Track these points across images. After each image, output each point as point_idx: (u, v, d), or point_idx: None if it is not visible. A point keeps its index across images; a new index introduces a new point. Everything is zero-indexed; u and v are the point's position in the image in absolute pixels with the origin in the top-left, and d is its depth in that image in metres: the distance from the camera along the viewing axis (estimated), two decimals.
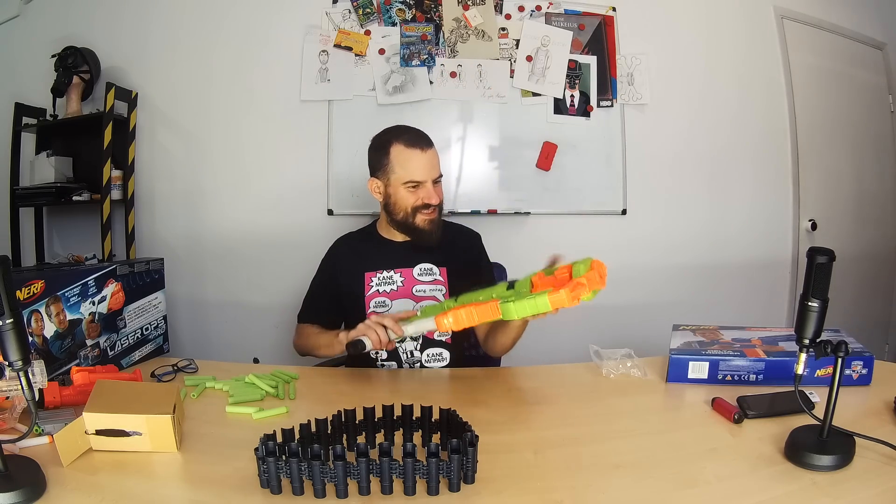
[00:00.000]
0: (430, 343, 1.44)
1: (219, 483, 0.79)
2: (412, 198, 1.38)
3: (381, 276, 1.44)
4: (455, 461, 0.75)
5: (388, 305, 1.44)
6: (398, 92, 2.33)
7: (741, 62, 2.50)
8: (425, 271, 1.45)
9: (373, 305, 1.44)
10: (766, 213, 2.56)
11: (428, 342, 1.44)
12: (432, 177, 1.38)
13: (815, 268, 0.83)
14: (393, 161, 1.38)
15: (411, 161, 1.36)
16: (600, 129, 2.41)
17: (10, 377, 0.81)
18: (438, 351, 1.43)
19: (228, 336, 2.42)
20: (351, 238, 1.56)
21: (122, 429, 0.85)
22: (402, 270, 1.44)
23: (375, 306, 1.44)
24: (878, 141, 2.80)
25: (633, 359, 1.26)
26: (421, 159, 1.36)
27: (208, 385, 1.19)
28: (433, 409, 0.91)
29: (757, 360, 1.14)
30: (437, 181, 1.40)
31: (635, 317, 2.39)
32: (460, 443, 0.77)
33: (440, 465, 0.75)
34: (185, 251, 2.42)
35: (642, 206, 2.44)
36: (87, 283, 1.24)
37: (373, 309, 1.44)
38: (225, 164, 2.41)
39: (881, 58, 2.80)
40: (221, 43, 2.37)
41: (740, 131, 2.51)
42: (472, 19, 2.34)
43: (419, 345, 1.43)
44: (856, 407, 1.01)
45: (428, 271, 1.45)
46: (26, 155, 2.38)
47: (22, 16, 2.44)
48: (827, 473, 0.78)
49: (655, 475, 0.81)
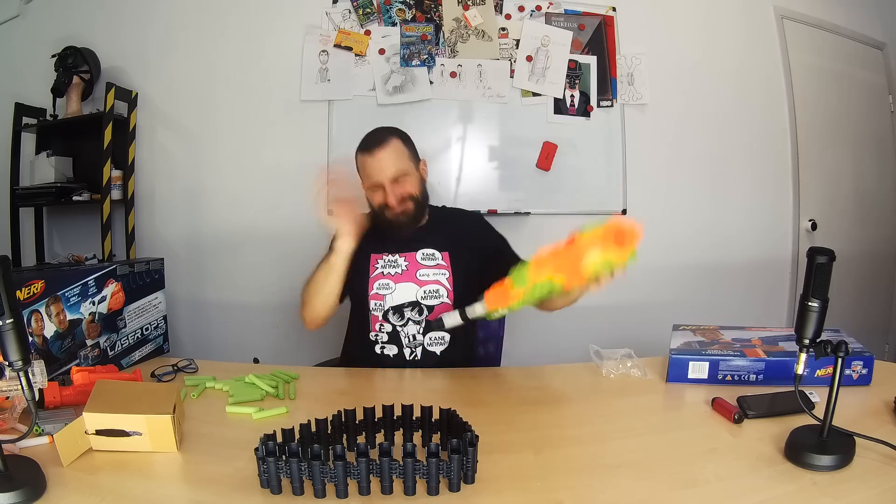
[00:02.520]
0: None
1: (219, 483, 0.79)
2: (375, 199, 1.42)
3: (386, 259, 1.46)
4: (455, 461, 0.75)
5: (392, 288, 1.44)
6: (398, 92, 2.33)
7: (741, 62, 2.50)
8: (427, 256, 1.46)
9: (376, 287, 1.45)
10: (766, 213, 2.56)
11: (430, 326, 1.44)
12: (386, 177, 1.38)
13: (815, 268, 0.83)
14: (358, 168, 1.44)
15: (364, 166, 1.40)
16: (600, 129, 2.41)
17: (10, 377, 0.81)
18: (440, 336, 1.44)
19: (228, 336, 2.42)
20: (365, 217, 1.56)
21: (122, 429, 0.85)
22: (406, 255, 1.46)
23: (379, 288, 1.45)
24: (878, 141, 2.80)
25: (633, 359, 1.26)
26: (370, 163, 1.38)
27: (208, 385, 1.19)
28: (433, 409, 0.91)
29: (757, 360, 1.14)
30: (399, 178, 1.39)
31: (635, 317, 2.39)
32: (460, 443, 0.77)
33: (440, 465, 0.75)
34: (185, 251, 2.42)
35: (642, 206, 2.44)
36: (87, 283, 1.24)
37: (376, 291, 1.45)
38: (225, 164, 2.41)
39: (881, 58, 2.80)
40: (221, 43, 2.37)
41: (740, 131, 2.51)
42: (472, 19, 2.34)
43: (421, 328, 1.43)
44: (856, 407, 1.00)
45: (430, 256, 1.47)
46: (26, 155, 2.38)
47: (22, 16, 2.45)
48: (827, 473, 0.78)
49: (655, 475, 0.81)
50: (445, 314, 1.23)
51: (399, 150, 1.40)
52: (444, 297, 1.44)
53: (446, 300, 1.44)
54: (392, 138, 1.40)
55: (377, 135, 1.41)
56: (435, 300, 1.43)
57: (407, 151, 1.42)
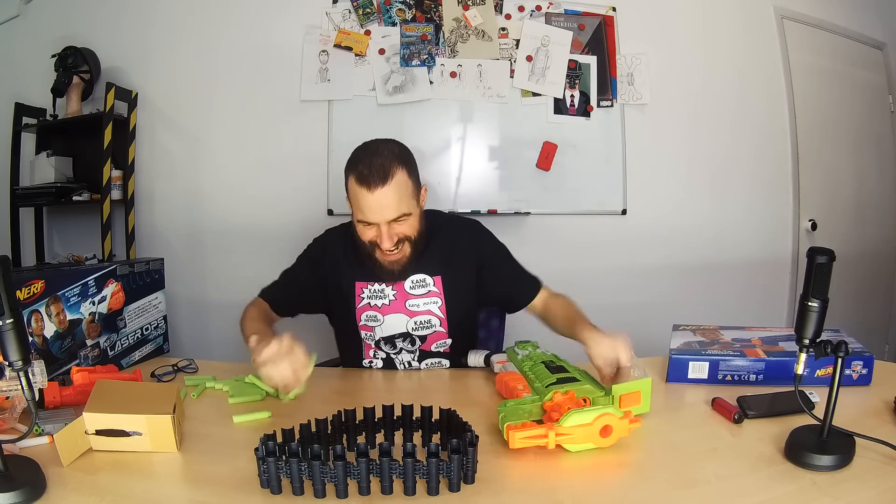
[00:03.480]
0: (428, 354, 1.38)
1: (219, 483, 0.79)
2: (367, 234, 1.24)
3: (373, 289, 1.34)
4: (455, 461, 0.75)
5: (379, 320, 1.35)
6: (398, 92, 2.33)
7: (741, 62, 2.50)
8: (418, 283, 1.34)
9: (364, 319, 1.36)
10: (766, 213, 2.56)
11: (425, 353, 1.38)
12: (385, 219, 1.19)
13: (815, 268, 0.83)
14: (349, 193, 1.23)
15: (360, 200, 1.18)
16: (600, 129, 2.41)
17: (10, 377, 0.81)
18: (437, 360, 1.39)
19: (228, 336, 2.41)
20: (344, 235, 1.38)
21: (122, 429, 0.85)
22: (394, 284, 1.33)
23: (367, 320, 1.36)
24: (878, 141, 2.81)
25: (633, 359, 1.25)
26: (368, 201, 1.17)
27: (208, 385, 1.19)
28: (433, 408, 0.91)
29: (757, 360, 1.14)
30: (399, 219, 1.20)
31: (635, 317, 2.39)
32: (460, 443, 0.77)
33: (440, 465, 0.75)
34: (186, 251, 2.42)
35: (642, 206, 2.44)
36: (87, 283, 1.24)
37: (364, 322, 1.35)
38: (225, 163, 2.41)
39: (881, 58, 2.80)
40: (222, 43, 2.37)
41: (740, 131, 2.51)
42: (472, 19, 2.34)
43: (416, 356, 1.38)
44: (856, 407, 1.00)
45: (420, 283, 1.34)
46: (26, 155, 2.38)
47: (22, 16, 2.45)
48: (827, 473, 0.78)
49: (655, 475, 0.81)
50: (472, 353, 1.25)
51: (403, 187, 1.19)
52: (436, 327, 1.35)
53: (440, 329, 1.36)
54: (397, 170, 1.18)
55: (379, 165, 1.16)
56: (427, 330, 1.35)
57: (411, 185, 1.22)
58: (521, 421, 0.89)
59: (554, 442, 0.84)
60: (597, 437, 0.85)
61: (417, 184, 1.25)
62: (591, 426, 0.84)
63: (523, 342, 1.19)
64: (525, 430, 0.85)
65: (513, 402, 0.95)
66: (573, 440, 0.85)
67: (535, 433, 0.84)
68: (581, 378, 0.99)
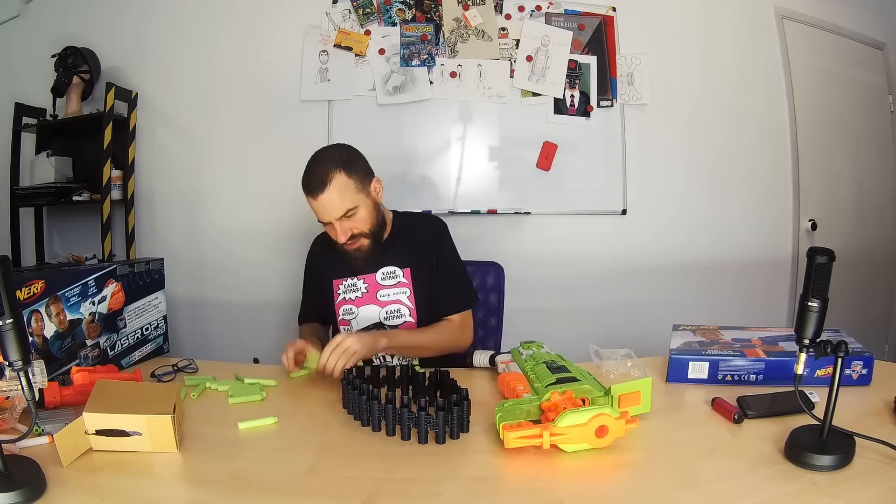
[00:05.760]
0: None
1: (219, 483, 0.79)
2: (330, 232, 1.38)
3: (347, 284, 1.46)
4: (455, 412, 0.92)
5: (354, 313, 1.46)
6: (398, 92, 2.33)
7: (741, 62, 2.50)
8: (388, 275, 1.45)
9: (342, 313, 1.47)
10: (766, 213, 2.56)
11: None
12: (333, 217, 1.33)
13: (815, 268, 0.83)
14: None
15: (311, 206, 1.35)
16: (600, 129, 2.40)
17: (10, 377, 0.81)
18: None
19: (228, 336, 2.42)
20: (323, 239, 1.54)
21: (122, 429, 0.85)
22: (365, 276, 1.45)
23: (344, 314, 1.47)
24: (878, 141, 2.80)
25: (633, 359, 1.25)
26: (315, 205, 1.34)
27: (208, 385, 1.19)
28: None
29: (757, 360, 1.14)
30: (348, 215, 1.34)
31: (635, 317, 2.39)
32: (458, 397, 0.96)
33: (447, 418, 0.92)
34: (185, 251, 2.42)
35: (642, 206, 2.44)
36: (87, 283, 1.24)
37: (342, 317, 1.47)
38: (225, 164, 2.41)
39: (881, 58, 2.80)
40: (221, 43, 2.37)
41: (740, 131, 2.51)
42: (472, 19, 2.34)
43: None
44: (856, 407, 1.00)
45: (390, 275, 1.45)
46: (26, 155, 2.38)
47: (22, 16, 2.44)
48: (827, 473, 0.78)
49: (655, 475, 0.81)
50: (477, 352, 1.29)
51: (342, 187, 1.31)
52: (406, 317, 1.44)
53: (409, 319, 1.44)
54: (333, 174, 1.31)
55: (316, 174, 1.32)
56: (397, 320, 1.44)
57: (352, 183, 1.33)
58: (517, 421, 0.89)
59: (549, 442, 0.84)
60: (592, 437, 0.85)
61: (362, 178, 1.37)
62: (587, 426, 0.84)
63: (528, 342, 1.21)
64: (520, 429, 0.85)
65: (511, 401, 0.95)
66: (569, 440, 0.85)
67: (530, 433, 0.84)
68: (582, 378, 0.99)
